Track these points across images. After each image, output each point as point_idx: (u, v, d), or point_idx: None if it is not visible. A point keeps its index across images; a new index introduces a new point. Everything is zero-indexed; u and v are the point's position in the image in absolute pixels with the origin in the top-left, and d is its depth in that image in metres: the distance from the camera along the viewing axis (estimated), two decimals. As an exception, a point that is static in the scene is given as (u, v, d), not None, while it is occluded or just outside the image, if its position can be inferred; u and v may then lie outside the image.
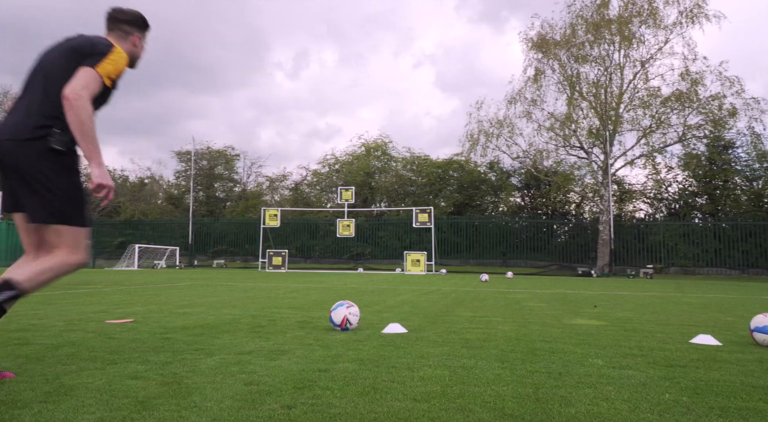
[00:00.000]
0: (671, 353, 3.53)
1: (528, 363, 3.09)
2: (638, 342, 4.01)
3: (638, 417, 2.04)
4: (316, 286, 11.49)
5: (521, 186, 36.69)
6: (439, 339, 3.94)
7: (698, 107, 27.39)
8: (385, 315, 5.58)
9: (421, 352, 3.37)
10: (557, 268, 29.29)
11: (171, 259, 31.77)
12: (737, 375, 2.85)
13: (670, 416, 2.07)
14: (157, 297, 7.60)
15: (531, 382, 2.59)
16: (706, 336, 4.09)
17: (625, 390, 2.48)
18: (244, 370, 2.71)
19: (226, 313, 5.54)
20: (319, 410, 2.03)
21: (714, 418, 2.05)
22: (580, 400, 2.26)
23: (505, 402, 2.21)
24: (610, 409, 2.14)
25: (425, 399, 2.23)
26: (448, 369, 2.85)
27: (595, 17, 28.12)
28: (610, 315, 6.07)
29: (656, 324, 5.16)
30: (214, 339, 3.77)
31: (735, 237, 27.47)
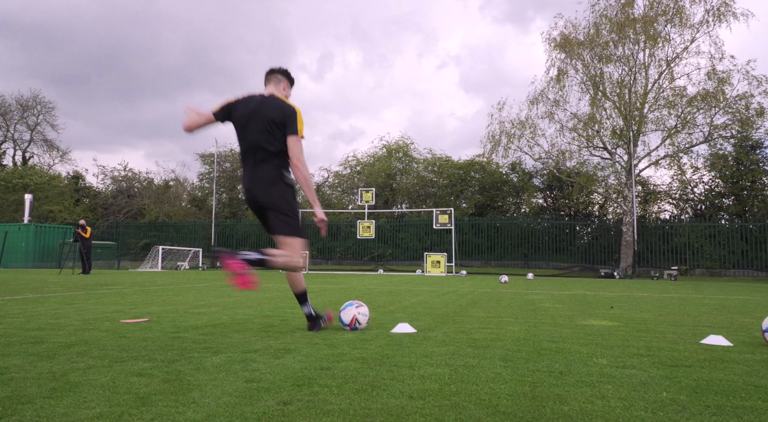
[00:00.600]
0: (679, 353, 3.50)
1: (531, 362, 3.09)
2: (647, 342, 3.99)
3: (631, 415, 2.05)
4: (333, 287, 11.56)
5: (543, 187, 36.43)
6: (446, 339, 3.96)
7: (725, 107, 26.94)
8: (397, 316, 5.61)
9: (425, 351, 3.39)
10: (580, 270, 29.01)
11: (194, 261, 32.13)
12: (741, 375, 2.83)
13: (664, 414, 2.07)
14: (175, 298, 7.72)
15: (530, 381, 2.60)
16: (718, 337, 4.05)
17: (624, 388, 2.47)
18: (247, 368, 2.76)
19: (240, 313, 5.62)
20: (314, 406, 2.06)
21: (708, 416, 2.05)
22: (575, 398, 2.27)
23: (500, 399, 2.23)
24: (604, 407, 2.15)
25: (421, 396, 2.25)
26: (450, 368, 2.87)
27: (620, 17, 27.83)
28: (625, 316, 6.02)
29: (670, 325, 5.12)
30: (224, 338, 3.84)
31: (762, 238, 26.94)
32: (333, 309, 4.76)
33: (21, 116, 49.60)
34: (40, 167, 49.19)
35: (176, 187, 47.01)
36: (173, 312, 5.55)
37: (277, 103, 4.02)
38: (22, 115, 49.50)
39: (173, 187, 46.91)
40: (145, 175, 47.60)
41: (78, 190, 47.14)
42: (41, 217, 41.60)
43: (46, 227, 33.97)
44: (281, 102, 4.04)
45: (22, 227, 32.32)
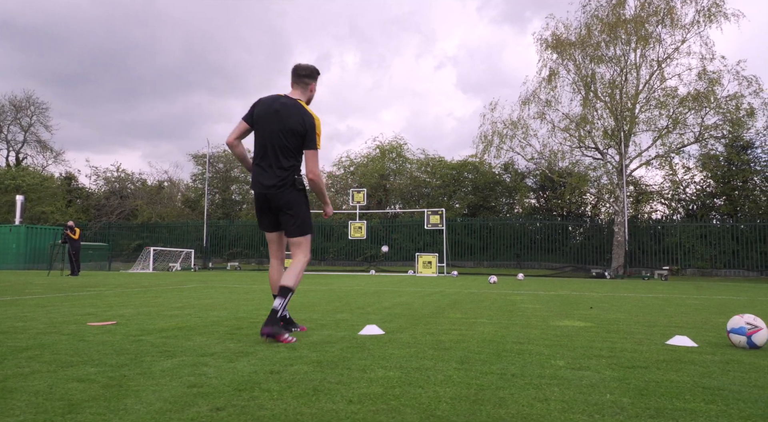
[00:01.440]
0: (640, 354, 3.48)
1: (488, 364, 3.07)
2: (612, 343, 3.97)
3: (567, 418, 2.03)
4: (319, 288, 11.52)
5: (536, 187, 36.46)
6: (411, 341, 3.93)
7: (716, 107, 26.99)
8: (371, 317, 5.58)
9: (384, 354, 3.37)
10: (572, 270, 29.03)
11: (186, 262, 32.04)
12: (694, 376, 2.81)
13: (600, 416, 2.04)
14: (154, 299, 7.68)
15: (478, 383, 2.57)
16: (683, 338, 4.03)
17: (570, 390, 2.45)
18: (195, 372, 2.73)
19: (214, 315, 5.58)
20: (247, 412, 2.03)
21: (645, 419, 2.02)
22: (517, 401, 2.24)
23: (440, 403, 2.20)
24: (542, 410, 2.13)
25: (360, 400, 2.23)
26: (402, 371, 2.84)
27: (611, 17, 27.86)
28: (601, 316, 6.00)
29: (642, 326, 5.10)
30: (186, 341, 3.80)
31: (753, 238, 27.00)
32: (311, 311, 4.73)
33: (14, 117, 49.43)
34: (34, 168, 49.01)
35: (170, 188, 46.91)
36: (145, 315, 5.52)
37: (299, 111, 4.02)
38: (15, 115, 49.33)
39: (166, 188, 46.81)
40: (138, 176, 47.50)
41: (70, 191, 46.98)
42: (33, 219, 41.43)
43: (37, 228, 33.85)
44: (303, 111, 4.04)
45: (13, 228, 32.20)
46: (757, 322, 3.82)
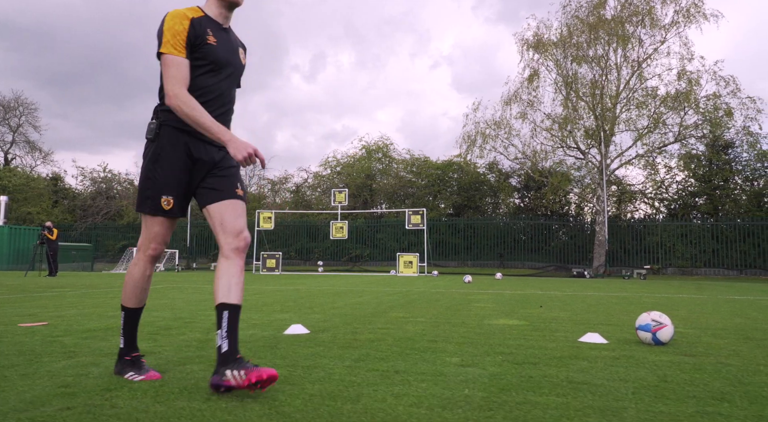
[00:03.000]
0: (543, 351, 3.56)
1: (382, 362, 3.13)
2: (527, 341, 4.04)
3: (409, 411, 2.09)
4: (285, 289, 11.58)
5: (520, 187, 36.61)
6: (327, 340, 3.99)
7: (695, 107, 27.20)
8: (313, 316, 5.65)
9: (288, 353, 3.43)
10: (554, 269, 29.19)
11: (171, 262, 32.00)
12: (571, 371, 2.89)
13: (440, 410, 2.11)
14: (109, 300, 7.71)
15: (353, 380, 2.63)
16: (594, 335, 4.12)
17: (437, 386, 2.51)
18: (80, 372, 2.78)
19: (154, 315, 5.63)
20: (94, 411, 2.08)
21: (483, 411, 2.09)
22: (372, 397, 2.31)
23: (293, 399, 2.26)
24: (391, 403, 2.19)
25: (218, 397, 2.29)
26: (289, 369, 2.90)
27: (591, 18, 28.01)
28: (543, 315, 6.08)
29: (573, 324, 5.18)
30: (101, 341, 3.85)
31: (733, 237, 27.23)
32: (259, 311, 4.75)
33: (3, 117, 49.22)
34: (22, 169, 48.82)
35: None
36: (84, 316, 5.56)
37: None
38: (4, 116, 49.13)
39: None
40: (125, 176, 47.40)
41: (57, 192, 46.82)
42: (19, 219, 41.27)
43: (21, 229, 33.71)
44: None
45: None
46: (663, 319, 3.90)
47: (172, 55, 2.53)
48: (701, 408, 2.20)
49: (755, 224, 26.74)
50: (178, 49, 2.54)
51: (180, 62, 2.54)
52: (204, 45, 2.59)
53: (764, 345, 3.97)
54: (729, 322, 5.56)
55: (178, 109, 2.49)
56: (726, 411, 2.16)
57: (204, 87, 2.63)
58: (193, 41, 2.57)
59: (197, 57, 2.60)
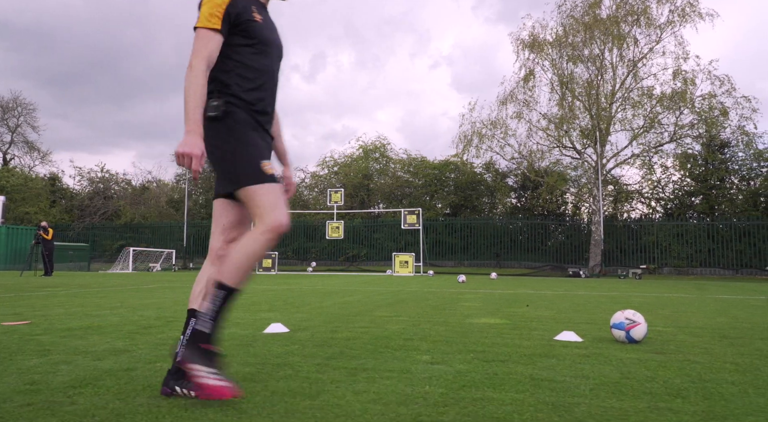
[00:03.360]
0: (516, 349, 3.58)
1: (353, 360, 3.16)
2: (504, 339, 4.07)
3: (365, 407, 2.12)
4: (279, 288, 11.61)
5: (517, 187, 36.65)
6: (305, 339, 4.02)
7: (690, 107, 27.25)
8: (297, 316, 5.68)
9: (262, 351, 3.46)
10: (551, 269, 29.23)
11: (167, 262, 32.04)
12: (537, 368, 2.92)
13: (395, 405, 2.14)
14: (97, 300, 7.74)
15: (318, 377, 2.66)
16: (570, 333, 4.15)
17: (401, 383, 2.54)
18: (50, 370, 2.80)
19: (138, 314, 5.66)
20: (54, 408, 2.10)
21: (438, 407, 2.12)
22: (333, 393, 2.33)
23: (253, 396, 2.29)
24: (350, 400, 2.22)
25: (168, 396, 2.32)
26: (258, 366, 2.93)
27: (586, 18, 28.05)
28: (528, 314, 6.11)
29: (555, 322, 5.21)
30: (79, 340, 3.88)
31: (729, 237, 27.28)
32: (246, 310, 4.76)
33: (1, 118, 49.27)
34: (21, 169, 48.87)
35: (153, 189, 46.84)
36: (69, 315, 5.59)
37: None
38: (2, 116, 49.18)
39: (150, 189, 46.75)
40: (122, 176, 47.43)
41: (54, 192, 46.84)
42: (17, 219, 41.31)
43: (18, 229, 33.74)
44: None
45: (-7, 229, 32.08)
46: (636, 317, 3.93)
47: (206, 29, 2.36)
48: (654, 403, 2.23)
49: (751, 224, 26.78)
50: (214, 22, 2.36)
51: (211, 37, 2.35)
52: (251, 22, 2.44)
53: (737, 344, 4.00)
54: (710, 321, 5.59)
55: (187, 81, 2.28)
56: (678, 406, 2.19)
57: (258, 68, 2.47)
58: (235, 19, 2.40)
59: (244, 35, 2.43)
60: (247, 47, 2.44)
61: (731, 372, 2.92)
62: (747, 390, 2.50)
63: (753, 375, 2.83)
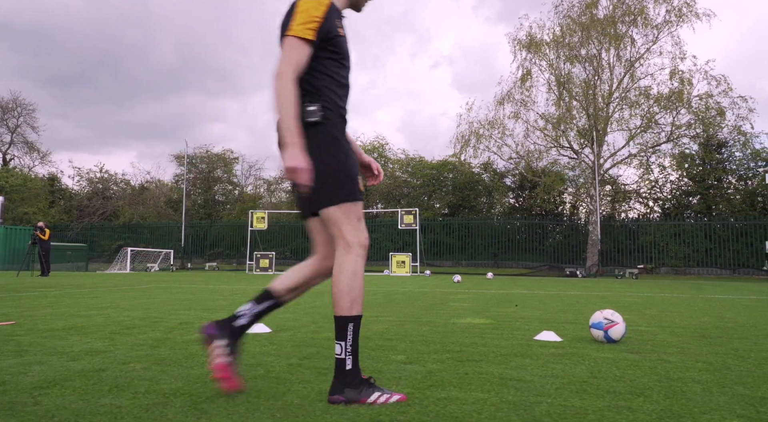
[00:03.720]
0: (493, 349, 3.60)
1: (327, 360, 3.17)
2: (483, 339, 4.08)
3: (326, 407, 2.13)
4: (271, 288, 11.61)
5: (515, 187, 36.67)
6: (285, 339, 4.03)
7: (687, 106, 27.26)
8: (283, 315, 5.69)
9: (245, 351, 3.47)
10: (548, 269, 29.24)
11: (165, 262, 32.07)
12: (509, 368, 2.93)
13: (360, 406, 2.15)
14: (88, 300, 7.76)
15: (287, 378, 2.68)
16: (550, 333, 4.17)
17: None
18: (21, 371, 2.81)
19: (125, 315, 5.67)
20: (15, 408, 2.12)
21: (401, 407, 2.14)
22: (298, 393, 2.35)
23: (218, 397, 2.31)
24: (313, 400, 2.23)
25: (132, 396, 2.34)
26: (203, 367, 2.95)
27: (583, 18, 28.07)
28: (514, 314, 6.12)
29: (538, 322, 5.22)
30: (59, 340, 3.89)
31: (726, 236, 27.29)
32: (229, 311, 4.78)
33: (1, 118, 49.32)
34: (20, 169, 48.93)
35: (152, 189, 46.90)
36: (56, 315, 5.60)
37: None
38: (2, 117, 49.23)
39: (151, 189, 46.81)
40: (121, 177, 47.49)
41: (53, 192, 46.90)
42: (16, 219, 41.38)
43: (17, 229, 33.78)
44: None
45: (-9, 230, 32.12)
46: (615, 317, 3.95)
47: (299, 39, 2.28)
48: (614, 402, 2.24)
49: (748, 223, 26.80)
50: (308, 33, 2.29)
51: (302, 47, 2.29)
52: (337, 37, 2.41)
53: (715, 343, 4.01)
54: (694, 321, 5.60)
55: (278, 90, 2.22)
56: (637, 405, 2.20)
57: (341, 82, 2.44)
58: (326, 33, 2.36)
59: (331, 50, 2.40)
60: (333, 61, 2.41)
61: (701, 371, 2.94)
62: (711, 388, 2.52)
63: (721, 374, 2.84)
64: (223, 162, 45.58)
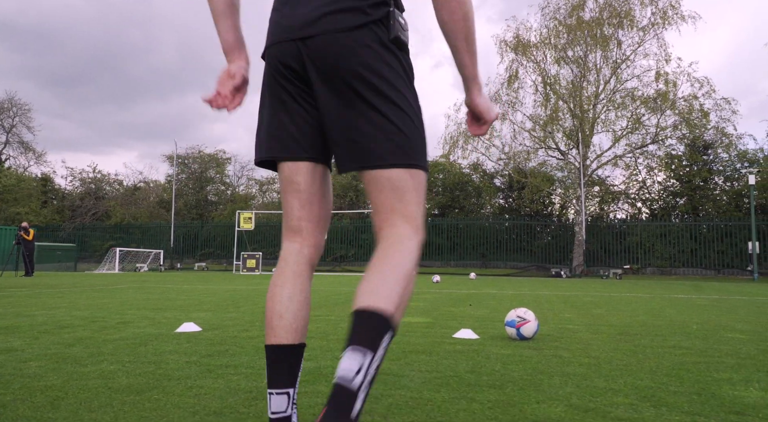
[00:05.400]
0: (403, 346, 3.69)
1: (231, 357, 3.27)
2: (404, 337, 4.17)
3: (191, 402, 2.23)
4: (244, 288, 11.71)
5: (504, 188, 36.79)
6: (205, 338, 4.13)
7: (672, 108, 27.39)
8: (227, 315, 5.79)
9: (144, 351, 3.57)
10: (536, 269, 29.36)
11: (155, 263, 32.14)
12: (398, 365, 3.02)
13: (233, 400, 2.25)
14: (50, 300, 7.85)
15: (177, 375, 2.78)
16: (467, 331, 4.27)
17: (250, 380, 2.65)
18: None
19: (71, 314, 5.77)
20: None
21: (246, 400, 2.24)
22: (172, 391, 2.45)
23: (98, 396, 2.41)
24: (184, 395, 2.33)
25: (20, 385, 2.44)
26: (120, 364, 3.05)
27: (570, 20, 28.18)
28: (462, 313, 6.22)
29: (476, 320, 5.32)
30: (-16, 336, 4.00)
31: (711, 237, 27.43)
32: (179, 310, 4.86)
33: (-3, 118, 49.38)
34: (15, 169, 48.98)
35: (145, 189, 46.99)
36: (4, 315, 5.70)
37: None
38: (-2, 116, 49.29)
39: (142, 189, 46.89)
40: (114, 177, 47.57)
41: (46, 192, 46.97)
42: (8, 219, 41.46)
43: (5, 229, 33.86)
44: None
45: (-20, 230, 32.22)
46: (527, 316, 4.05)
47: None
48: (465, 394, 2.34)
49: (733, 224, 26.93)
50: None
51: None
52: None
53: (627, 340, 4.11)
54: (629, 319, 5.71)
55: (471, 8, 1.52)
56: (479, 396, 2.30)
57: None
58: None
59: None
60: None
61: (580, 365, 3.04)
62: (567, 381, 2.62)
63: (597, 368, 2.94)
64: (215, 162, 45.68)
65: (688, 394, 2.41)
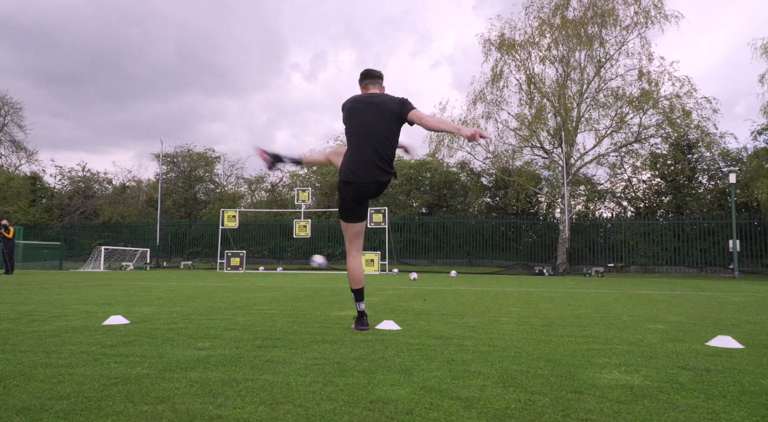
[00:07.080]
0: (313, 336, 3.78)
1: (132, 347, 3.36)
2: (329, 329, 4.27)
3: (80, 390, 2.32)
4: (211, 285, 11.79)
5: (491, 186, 36.89)
6: (129, 330, 4.21)
7: (654, 107, 27.53)
8: (169, 310, 5.86)
9: (54, 342, 3.65)
10: (521, 268, 29.48)
11: (142, 261, 32.13)
12: (289, 353, 3.12)
13: (123, 385, 2.34)
14: (10, 296, 7.92)
15: (77, 362, 2.86)
16: (390, 322, 4.37)
17: (153, 368, 2.74)
18: None
19: (12, 309, 5.84)
20: None
21: (136, 384, 2.32)
22: (70, 378, 2.54)
23: None
24: (80, 381, 2.42)
25: None
26: (24, 355, 3.13)
27: (553, 19, 28.30)
28: (410, 307, 6.31)
29: (414, 314, 5.41)
30: None
31: (694, 235, 27.60)
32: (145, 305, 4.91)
33: (-13, 117, 49.19)
34: (6, 168, 48.86)
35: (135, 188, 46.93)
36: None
37: (390, 97, 4.33)
38: (-12, 115, 49.09)
39: (132, 188, 46.84)
40: (103, 176, 47.51)
41: (35, 191, 46.88)
42: (-4, 218, 41.39)
43: (-8, 228, 33.82)
44: (392, 96, 4.34)
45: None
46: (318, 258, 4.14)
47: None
48: (331, 378, 2.44)
49: (716, 223, 27.11)
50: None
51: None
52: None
53: (546, 331, 4.21)
54: (569, 312, 5.81)
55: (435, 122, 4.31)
56: (344, 381, 2.40)
57: None
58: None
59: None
60: None
61: (471, 353, 3.13)
62: (443, 367, 2.72)
63: (481, 356, 3.03)
64: (204, 161, 45.65)
65: (548, 377, 2.51)
